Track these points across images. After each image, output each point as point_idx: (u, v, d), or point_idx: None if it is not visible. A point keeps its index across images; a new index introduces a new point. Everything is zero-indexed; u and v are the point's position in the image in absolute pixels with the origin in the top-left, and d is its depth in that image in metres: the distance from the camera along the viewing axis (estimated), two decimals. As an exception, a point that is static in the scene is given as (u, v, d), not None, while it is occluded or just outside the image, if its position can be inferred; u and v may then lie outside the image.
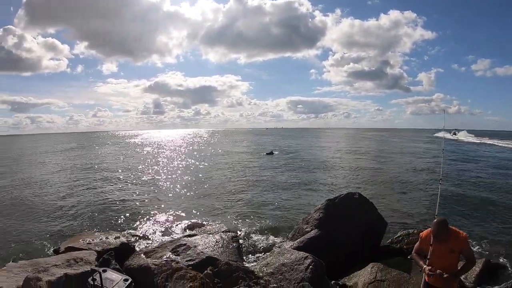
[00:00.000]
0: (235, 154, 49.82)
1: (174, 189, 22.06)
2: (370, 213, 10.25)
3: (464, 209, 15.94)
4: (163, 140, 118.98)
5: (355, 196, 10.45)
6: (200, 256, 8.01)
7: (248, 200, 18.42)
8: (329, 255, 8.88)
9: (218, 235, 9.41)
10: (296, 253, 8.04)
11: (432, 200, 17.13)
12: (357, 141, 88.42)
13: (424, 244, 5.18)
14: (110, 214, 15.97)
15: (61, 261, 7.61)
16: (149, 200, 18.67)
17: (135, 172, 30.44)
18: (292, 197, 19.02)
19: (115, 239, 10.25)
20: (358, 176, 27.00)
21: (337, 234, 9.55)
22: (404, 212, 15.64)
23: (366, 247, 9.66)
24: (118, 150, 66.08)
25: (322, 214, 10.03)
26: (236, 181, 24.69)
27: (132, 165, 37.13)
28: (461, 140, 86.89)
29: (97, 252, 8.60)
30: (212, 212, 16.25)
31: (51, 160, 45.83)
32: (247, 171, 30.05)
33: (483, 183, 22.89)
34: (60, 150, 67.18)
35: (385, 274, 7.65)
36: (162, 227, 13.88)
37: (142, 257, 8.23)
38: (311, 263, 7.54)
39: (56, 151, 64.40)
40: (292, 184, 23.07)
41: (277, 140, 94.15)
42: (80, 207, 17.36)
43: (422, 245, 5.23)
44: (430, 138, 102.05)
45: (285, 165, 35.01)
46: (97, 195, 20.32)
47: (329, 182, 24.29)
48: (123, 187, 22.72)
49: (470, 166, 32.43)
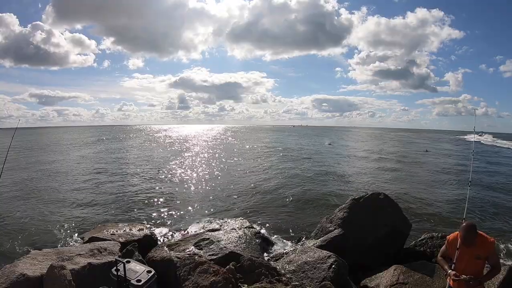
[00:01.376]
0: (261, 150, 49.75)
1: (198, 184, 22.19)
2: (394, 214, 10.08)
3: (492, 215, 15.47)
4: (187, 135, 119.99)
5: (380, 196, 10.30)
6: (223, 251, 8.04)
7: (271, 197, 18.38)
8: (352, 255, 8.78)
9: (241, 230, 9.43)
10: (319, 252, 7.99)
11: (459, 204, 16.75)
12: (383, 141, 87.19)
13: (450, 248, 5.08)
14: (134, 206, 16.16)
15: (85, 250, 7.72)
16: (173, 194, 18.81)
17: (159, 166, 30.72)
18: (316, 195, 18.85)
19: (138, 231, 10.36)
20: (383, 176, 26.61)
21: (361, 234, 9.44)
22: (429, 215, 15.34)
23: (389, 249, 9.54)
24: (143, 143, 66.85)
25: (346, 213, 9.94)
26: (259, 178, 24.66)
27: (157, 158, 37.51)
28: (487, 143, 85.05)
29: (120, 243, 8.72)
30: (235, 207, 16.27)
31: (77, 151, 46.77)
32: (270, 168, 29.97)
33: None
34: (86, 143, 68.42)
35: (407, 277, 7.52)
36: (185, 221, 13.97)
37: (165, 249, 8.30)
38: (334, 263, 7.48)
39: (82, 143, 65.62)
40: (315, 182, 22.91)
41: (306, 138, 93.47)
42: (104, 198, 17.64)
43: (449, 249, 5.13)
44: (457, 140, 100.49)
45: (308, 163, 34.78)
46: (122, 187, 20.59)
47: (354, 181, 24.05)
48: (148, 180, 22.94)
49: (500, 170, 31.58)
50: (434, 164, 35.31)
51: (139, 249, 8.25)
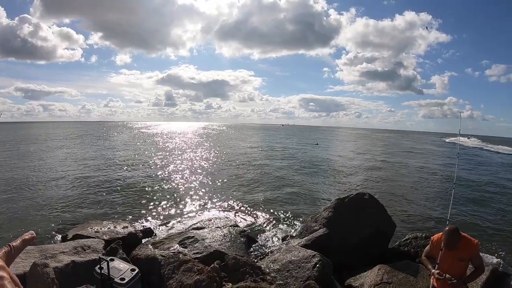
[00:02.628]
0: (245, 150, 49.78)
1: (183, 182, 22.07)
2: (379, 214, 10.17)
3: (476, 215, 15.71)
4: (174, 132, 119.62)
5: (365, 196, 10.38)
6: (207, 249, 8.04)
7: (257, 196, 18.38)
8: (337, 254, 8.85)
9: (226, 229, 9.43)
10: (304, 251, 8.02)
11: (443, 205, 16.96)
12: (369, 142, 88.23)
13: (434, 249, 5.14)
14: (118, 204, 16.02)
15: (69, 248, 7.67)
16: (157, 191, 18.69)
17: (144, 163, 30.50)
18: (301, 195, 18.93)
19: (123, 228, 10.32)
20: (368, 176, 26.81)
21: (346, 233, 9.51)
22: (414, 215, 15.51)
23: (374, 249, 9.61)
24: (129, 140, 66.31)
25: (331, 213, 10.01)
26: (244, 177, 24.64)
27: (142, 156, 37.21)
28: (472, 146, 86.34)
29: (104, 240, 8.68)
30: (221, 205, 16.23)
31: (61, 147, 46.15)
32: (256, 167, 29.99)
33: (497, 190, 22.56)
34: (71, 139, 67.62)
35: (391, 277, 7.58)
36: (170, 218, 13.89)
37: (150, 247, 8.26)
38: (319, 262, 7.52)
39: (67, 139, 64.84)
40: (301, 182, 22.98)
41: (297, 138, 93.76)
42: (89, 195, 17.43)
43: (432, 250, 5.19)
44: (441, 142, 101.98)
45: (296, 162, 34.96)
46: (106, 184, 20.38)
47: (340, 181, 24.20)
48: (132, 178, 22.75)
49: (484, 172, 32.10)
50: (419, 165, 35.78)
51: (123, 247, 8.21)
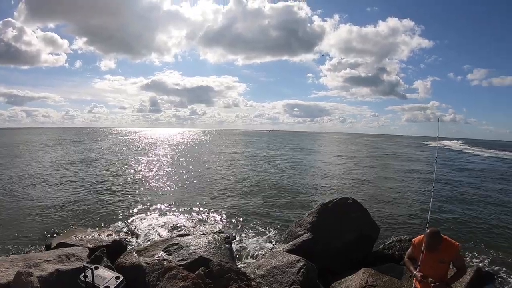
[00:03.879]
0: (231, 156, 49.77)
1: (167, 188, 22.00)
2: (363, 218, 10.28)
3: (456, 217, 16.00)
4: (158, 139, 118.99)
5: (348, 201, 10.49)
6: (192, 256, 8.02)
7: (241, 202, 18.39)
8: (321, 259, 8.91)
9: (210, 235, 9.41)
10: (288, 256, 8.07)
11: (424, 208, 17.24)
12: (352, 146, 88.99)
13: (415, 251, 5.23)
14: (102, 211, 15.90)
15: (53, 256, 7.59)
16: (142, 198, 18.59)
17: (129, 170, 30.31)
18: (285, 200, 19.01)
19: (107, 236, 10.25)
20: (352, 181, 27.06)
21: (330, 238, 9.58)
22: (397, 219, 15.71)
23: (358, 252, 9.71)
24: (113, 147, 65.70)
25: (315, 218, 10.08)
26: (230, 183, 24.65)
27: (126, 162, 36.91)
28: (454, 148, 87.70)
29: (89, 249, 8.59)
30: (205, 212, 16.19)
31: (44, 154, 45.49)
32: (242, 173, 30.02)
33: (475, 192, 23.03)
34: (54, 145, 66.79)
35: (376, 280, 7.67)
36: (155, 225, 13.81)
37: (134, 255, 8.22)
38: (303, 267, 7.58)
39: (51, 146, 64.02)
40: (285, 187, 23.06)
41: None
42: (73, 203, 17.25)
43: (414, 252, 5.29)
44: (423, 146, 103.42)
45: (279, 167, 35.12)
46: (90, 191, 20.20)
47: (323, 186, 24.35)
48: (117, 184, 22.59)
49: (462, 175, 32.65)
50: (401, 169, 36.32)
51: (108, 255, 8.16)
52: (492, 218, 16.41)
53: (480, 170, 38.34)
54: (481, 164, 47.19)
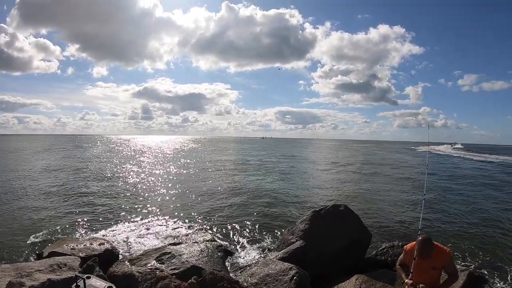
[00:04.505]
0: (222, 163, 49.74)
1: (160, 196, 21.89)
2: (355, 225, 10.32)
3: (447, 224, 16.07)
4: (150, 146, 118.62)
5: (340, 208, 10.53)
6: (184, 265, 8.02)
7: (234, 210, 18.34)
8: (314, 266, 8.94)
9: (203, 244, 9.42)
10: (281, 264, 8.08)
11: (415, 214, 17.31)
12: (344, 153, 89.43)
13: (407, 258, 5.28)
14: (94, 220, 15.78)
15: (45, 266, 7.55)
16: (134, 206, 18.47)
17: (120, 178, 30.10)
18: (277, 208, 18.97)
19: (99, 245, 10.18)
20: (344, 188, 27.14)
21: (322, 245, 9.60)
22: (389, 225, 15.76)
23: (351, 259, 9.74)
24: (105, 154, 65.43)
25: (307, 225, 10.10)
26: (222, 190, 24.59)
27: (118, 171, 36.70)
28: (446, 154, 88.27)
29: (81, 258, 8.54)
30: (198, 220, 16.13)
31: (35, 161, 45.15)
32: (234, 181, 29.98)
33: (465, 198, 23.22)
34: (45, 152, 66.36)
35: (369, 286, 7.67)
36: (147, 234, 13.73)
37: (127, 264, 8.21)
38: (296, 274, 7.58)
39: (42, 153, 63.60)
40: (278, 195, 23.04)
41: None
42: (64, 212, 17.11)
43: (406, 258, 5.32)
44: (414, 151, 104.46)
45: (271, 175, 35.14)
46: (82, 199, 20.04)
47: (316, 193, 24.43)
48: (108, 193, 22.45)
49: (453, 180, 32.91)
50: (392, 175, 36.59)
51: (100, 264, 8.12)
52: (482, 223, 16.56)
53: (470, 175, 38.79)
54: (472, 168, 47.71)
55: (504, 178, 36.30)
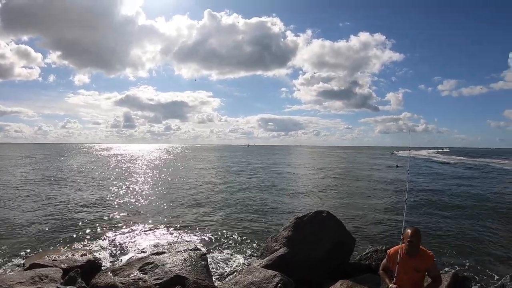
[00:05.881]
0: (205, 171, 49.69)
1: (142, 205, 21.72)
2: (338, 230, 10.39)
3: (429, 228, 16.28)
4: (132, 154, 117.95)
5: (323, 214, 10.58)
6: (168, 275, 7.95)
7: (217, 218, 18.30)
8: (298, 272, 8.97)
9: (186, 253, 9.35)
10: (265, 272, 8.07)
11: (398, 218, 17.54)
12: (326, 159, 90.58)
13: (391, 262, 5.25)
14: (76, 230, 15.56)
15: (26, 278, 7.46)
16: (116, 216, 18.29)
17: (101, 188, 29.76)
18: (260, 215, 19.04)
19: (81, 256, 10.07)
20: (326, 194, 27.48)
21: (306, 251, 9.63)
22: (372, 229, 15.97)
23: (335, 264, 9.78)
24: (86, 163, 64.79)
25: (290, 232, 10.12)
26: (205, 199, 24.55)
27: (100, 179, 36.37)
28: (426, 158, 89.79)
29: (63, 269, 8.45)
30: (181, 229, 16.05)
31: (15, 171, 44.55)
32: (216, 189, 29.99)
33: (445, 200, 23.97)
34: (26, 161, 65.59)
35: (353, 291, 7.74)
36: (130, 244, 13.63)
37: (109, 275, 8.12)
38: (280, 281, 7.59)
39: (22, 162, 62.84)
40: (261, 202, 23.14)
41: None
42: (45, 222, 16.83)
43: (389, 262, 5.32)
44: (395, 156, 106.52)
45: (254, 182, 35.25)
46: (62, 210, 19.74)
47: (298, 200, 24.64)
48: (90, 203, 22.16)
49: (433, 184, 33.93)
50: (374, 180, 37.45)
51: (82, 276, 8.03)
52: (463, 224, 17.10)
53: (450, 178, 40.36)
54: (451, 172, 49.36)
55: (482, 180, 38.09)
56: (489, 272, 10.93)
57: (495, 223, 17.27)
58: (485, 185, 32.61)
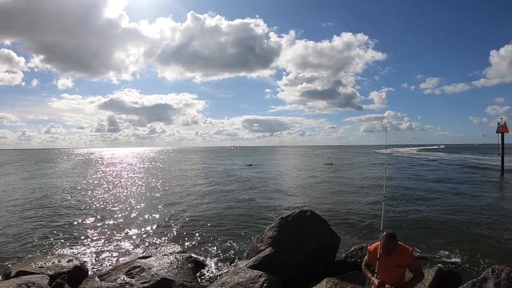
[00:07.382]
0: (189, 174, 49.61)
1: (128, 209, 21.53)
2: (322, 229, 10.49)
3: (407, 224, 16.46)
4: (116, 158, 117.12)
5: (307, 213, 10.68)
6: (154, 278, 8.01)
7: (203, 220, 18.26)
8: (284, 272, 9.05)
9: (172, 256, 9.41)
10: (251, 272, 8.13)
11: (378, 213, 17.75)
12: (310, 158, 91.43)
13: (371, 258, 5.37)
14: (62, 236, 15.44)
15: (13, 286, 7.45)
16: (102, 221, 18.16)
17: (88, 192, 29.52)
18: (245, 216, 19.07)
19: (68, 262, 10.05)
20: (310, 193, 27.72)
21: (292, 251, 9.74)
22: (356, 227, 16.17)
23: (320, 262, 9.90)
24: (70, 168, 64.12)
25: (275, 232, 10.20)
26: (190, 201, 24.56)
27: (84, 184, 36.03)
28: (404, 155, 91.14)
29: (49, 276, 8.44)
30: (167, 232, 16.02)
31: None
32: (201, 190, 30.04)
33: (422, 195, 24.90)
34: (9, 168, 64.80)
35: (340, 288, 7.84)
36: (116, 248, 13.57)
37: (96, 280, 8.17)
38: (266, 281, 7.65)
39: (5, 168, 62.11)
40: (245, 203, 23.25)
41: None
42: (31, 229, 16.67)
43: (370, 259, 5.43)
44: (376, 154, 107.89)
45: (239, 183, 35.46)
46: (48, 216, 19.55)
47: (282, 200, 24.74)
48: (76, 208, 21.96)
49: (410, 179, 35.19)
50: (356, 178, 38.43)
51: (69, 282, 8.06)
52: (443, 217, 17.60)
53: (427, 173, 42.29)
54: (429, 167, 51.57)
55: (460, 175, 40.03)
56: (473, 265, 11.11)
57: (478, 216, 17.76)
58: (464, 178, 34.31)
